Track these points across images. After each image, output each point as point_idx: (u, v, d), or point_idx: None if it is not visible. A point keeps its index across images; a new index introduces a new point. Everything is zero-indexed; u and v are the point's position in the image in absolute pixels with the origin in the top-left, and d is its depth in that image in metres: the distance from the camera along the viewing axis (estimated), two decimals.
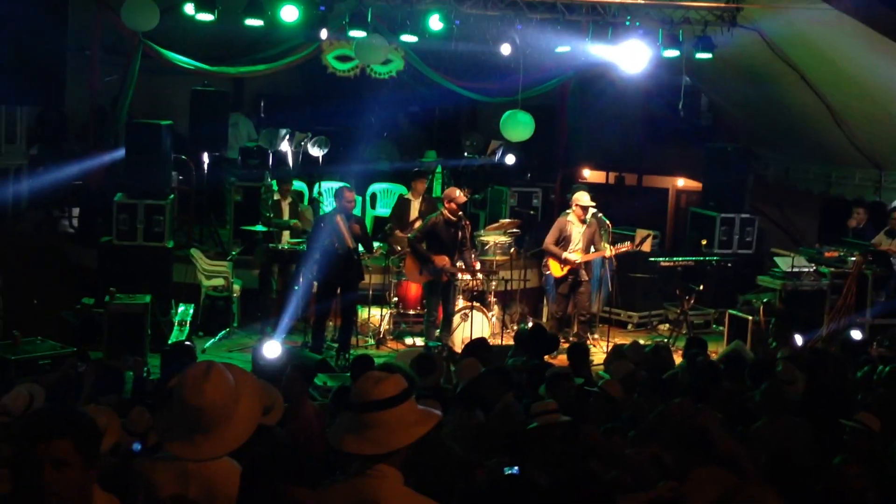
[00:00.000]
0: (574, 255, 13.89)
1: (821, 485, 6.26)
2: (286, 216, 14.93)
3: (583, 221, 14.08)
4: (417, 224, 14.54)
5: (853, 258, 14.73)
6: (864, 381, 9.69)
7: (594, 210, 14.34)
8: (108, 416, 6.65)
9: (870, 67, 14.29)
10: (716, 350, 13.00)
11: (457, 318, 13.86)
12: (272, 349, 10.39)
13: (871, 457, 6.76)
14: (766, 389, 8.07)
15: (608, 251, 14.22)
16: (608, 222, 14.71)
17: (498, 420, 7.82)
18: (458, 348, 12.76)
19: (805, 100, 16.17)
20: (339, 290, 13.44)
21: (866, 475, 6.31)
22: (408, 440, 4.09)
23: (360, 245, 13.48)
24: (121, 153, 15.06)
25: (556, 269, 14.06)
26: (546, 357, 10.95)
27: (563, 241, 13.96)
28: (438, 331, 13.78)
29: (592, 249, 14.11)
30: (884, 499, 6.05)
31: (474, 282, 14.25)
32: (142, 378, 10.71)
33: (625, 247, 14.66)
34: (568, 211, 14.61)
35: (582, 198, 14.31)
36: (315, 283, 13.75)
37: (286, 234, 14.87)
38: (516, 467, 5.59)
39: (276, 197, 15.19)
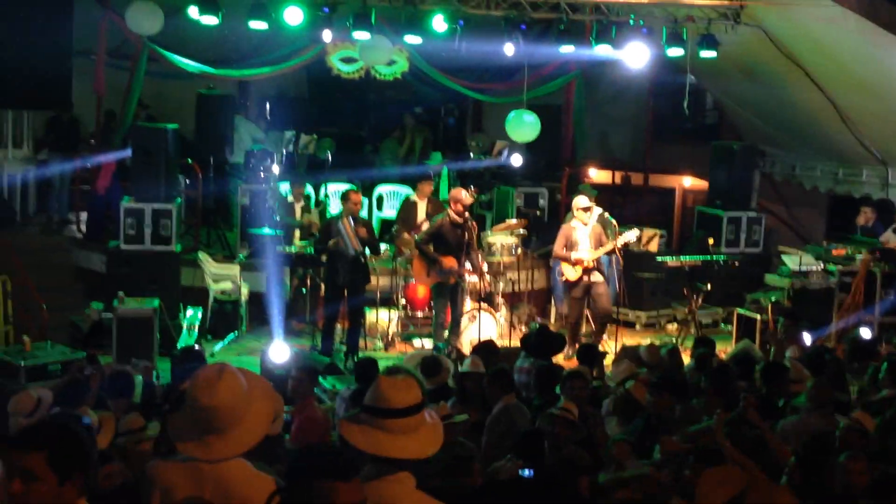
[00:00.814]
0: (584, 254, 13.82)
1: (826, 480, 6.32)
2: (298, 215, 14.96)
3: (585, 224, 14.01)
4: (424, 226, 14.52)
5: (861, 256, 14.72)
6: (871, 379, 9.69)
7: (599, 211, 14.28)
8: (104, 419, 6.69)
9: (875, 64, 14.27)
10: (724, 349, 12.99)
11: (465, 320, 13.83)
12: (280, 352, 10.38)
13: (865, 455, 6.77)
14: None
15: (613, 244, 14.09)
16: (614, 222, 14.67)
17: (495, 421, 7.83)
18: (467, 350, 12.73)
19: (810, 97, 16.14)
20: (345, 293, 13.43)
21: (869, 471, 6.36)
22: (432, 450, 4.13)
23: (366, 248, 13.46)
24: (127, 154, 15.10)
25: (569, 273, 13.99)
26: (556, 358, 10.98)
27: (570, 246, 13.90)
28: (447, 332, 13.75)
29: (601, 243, 14.00)
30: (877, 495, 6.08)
31: (482, 283, 14.23)
32: (151, 382, 10.71)
33: (631, 237, 14.51)
34: (569, 216, 14.56)
35: (580, 201, 14.26)
36: (322, 286, 13.76)
37: (297, 235, 14.88)
38: (529, 470, 5.59)
39: (289, 199, 15.21)
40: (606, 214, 14.48)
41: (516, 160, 17.41)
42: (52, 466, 3.29)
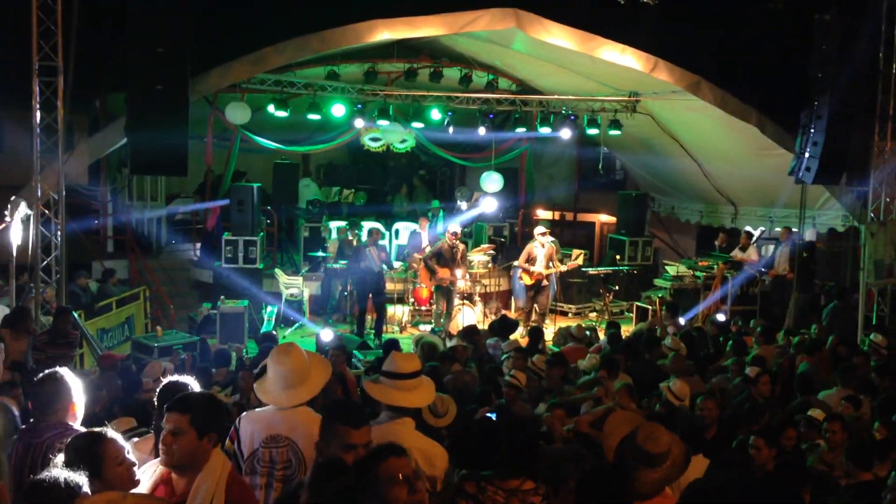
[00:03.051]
0: (539, 268, 13.80)
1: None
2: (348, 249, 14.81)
3: (543, 245, 13.99)
4: (427, 248, 14.52)
5: (718, 266, 14.74)
6: (733, 350, 9.62)
7: (551, 239, 14.30)
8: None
9: (726, 137, 14.32)
10: (628, 329, 12.99)
11: (454, 311, 13.83)
12: (328, 335, 10.38)
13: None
14: None
15: (562, 268, 14.16)
16: (557, 244, 14.76)
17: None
18: (455, 332, 12.70)
19: (683, 160, 16.20)
20: (371, 295, 13.43)
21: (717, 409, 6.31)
22: (427, 403, 4.17)
23: (384, 265, 13.49)
24: (227, 202, 15.13)
25: (526, 279, 13.96)
26: (514, 336, 10.92)
27: (531, 260, 13.88)
28: (443, 320, 13.72)
29: (551, 264, 13.95)
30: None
31: (465, 287, 14.23)
32: (242, 357, 10.71)
33: (574, 264, 14.74)
34: (532, 240, 14.55)
35: (539, 229, 14.29)
36: (356, 292, 13.77)
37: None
38: (494, 413, 5.56)
39: (342, 235, 15.11)
40: (552, 239, 14.49)
41: (488, 204, 17.38)
42: (192, 425, 3.25)
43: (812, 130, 11.47)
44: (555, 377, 7.93)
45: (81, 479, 2.90)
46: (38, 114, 10.35)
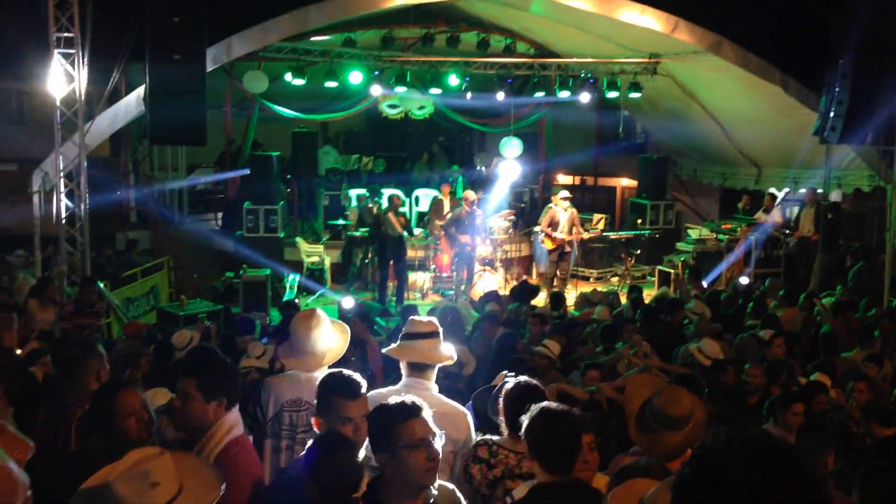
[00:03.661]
0: (562, 234, 13.77)
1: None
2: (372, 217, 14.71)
3: (566, 210, 13.92)
4: (448, 215, 14.50)
5: (741, 229, 14.62)
6: (754, 311, 9.59)
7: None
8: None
9: (749, 98, 14.12)
10: (650, 293, 12.95)
11: (475, 277, 13.84)
12: (349, 303, 10.44)
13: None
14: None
15: (584, 234, 14.14)
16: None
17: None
18: (477, 297, 12.74)
19: (705, 122, 16.00)
20: (392, 262, 13.45)
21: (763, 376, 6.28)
22: (446, 360, 4.18)
23: (404, 231, 13.49)
24: (247, 172, 15.17)
25: (548, 244, 13.94)
26: (535, 301, 10.94)
27: (553, 224, 13.84)
28: (463, 286, 13.75)
29: (573, 230, 13.89)
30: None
31: (486, 252, 14.22)
32: (266, 325, 10.79)
33: (596, 232, 14.70)
34: (551, 204, 14.47)
35: (563, 193, 14.24)
36: (377, 259, 13.79)
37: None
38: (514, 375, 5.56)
39: (368, 204, 15.05)
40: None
41: (510, 170, 17.22)
42: (199, 389, 3.20)
43: (837, 89, 11.27)
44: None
45: None
46: (58, 85, 10.40)
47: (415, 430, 2.80)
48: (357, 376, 3.40)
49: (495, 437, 3.74)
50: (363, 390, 3.36)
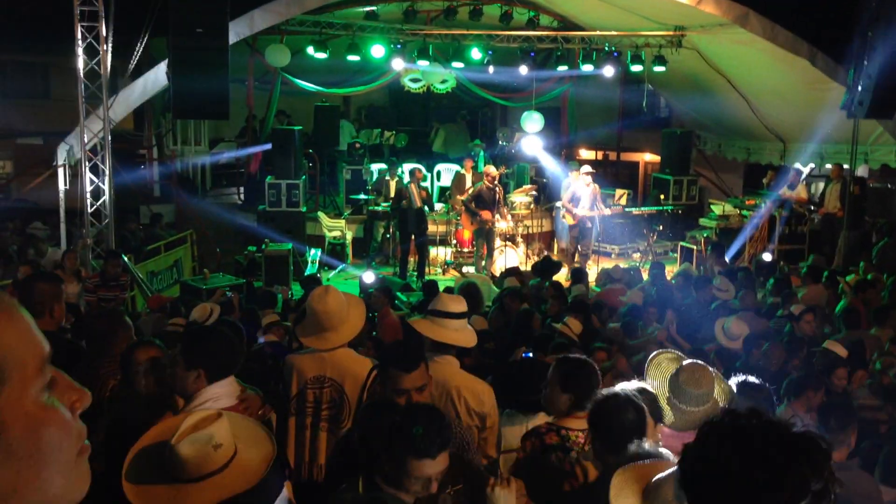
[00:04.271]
0: (582, 210, 13.70)
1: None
2: (392, 191, 14.67)
3: (588, 185, 13.86)
4: (469, 190, 14.47)
5: (765, 205, 14.47)
6: (775, 288, 9.52)
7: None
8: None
9: (775, 72, 13.91)
10: (671, 270, 12.89)
11: (496, 253, 13.82)
12: (370, 277, 10.46)
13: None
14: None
15: (606, 211, 14.07)
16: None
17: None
18: (498, 273, 12.75)
19: (730, 96, 15.80)
20: (413, 236, 13.46)
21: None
22: (471, 342, 4.19)
23: (425, 205, 13.48)
24: (268, 147, 15.20)
25: (569, 219, 13.90)
26: (557, 277, 10.89)
27: (575, 199, 13.77)
28: (484, 262, 13.74)
29: (595, 206, 13.82)
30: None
31: (507, 228, 14.19)
32: (287, 299, 10.85)
33: (617, 208, 14.63)
34: (571, 176, 14.39)
35: (585, 168, 14.17)
36: (397, 233, 13.80)
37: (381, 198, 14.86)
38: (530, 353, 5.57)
39: (387, 177, 15.02)
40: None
41: (529, 144, 17.15)
42: (182, 355, 3.28)
43: (865, 63, 11.07)
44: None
45: None
46: (82, 59, 10.45)
47: (423, 472, 2.73)
48: (417, 350, 3.45)
49: (550, 419, 3.70)
50: (419, 364, 3.41)
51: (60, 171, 11.27)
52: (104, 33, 10.40)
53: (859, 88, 11.20)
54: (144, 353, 3.69)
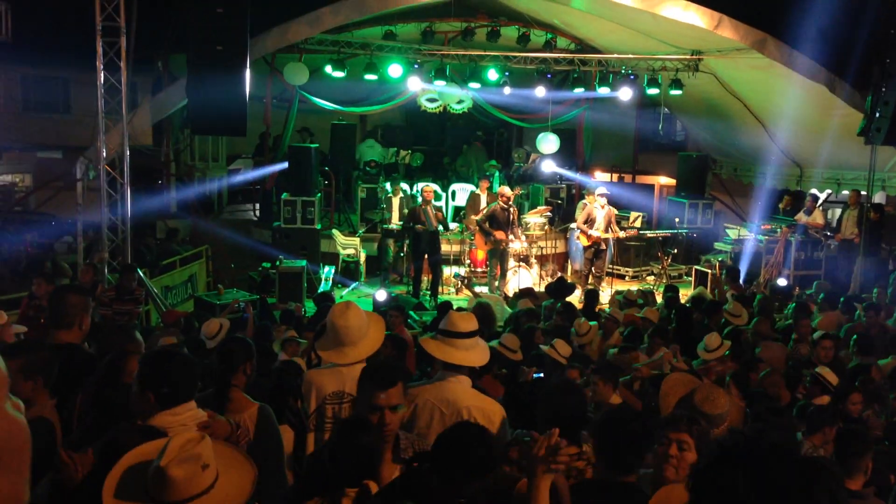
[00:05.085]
0: (597, 232, 13.66)
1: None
2: (395, 209, 14.87)
3: (603, 207, 13.83)
4: (484, 210, 14.47)
5: (781, 230, 14.40)
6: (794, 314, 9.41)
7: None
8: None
9: (792, 97, 13.86)
10: (686, 293, 12.81)
11: (510, 273, 13.78)
12: (383, 296, 10.44)
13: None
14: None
15: (621, 234, 14.04)
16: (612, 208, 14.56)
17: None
18: (511, 293, 12.71)
19: (747, 120, 15.79)
20: (426, 256, 13.45)
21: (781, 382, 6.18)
22: (482, 362, 4.16)
23: (440, 225, 13.49)
24: (285, 165, 15.26)
25: (584, 241, 13.87)
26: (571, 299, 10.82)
27: (590, 221, 13.75)
28: (497, 282, 13.71)
29: (610, 229, 13.79)
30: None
31: (521, 248, 14.16)
32: (301, 315, 10.83)
33: (632, 231, 14.58)
34: (586, 199, 14.36)
35: (601, 190, 14.15)
36: (411, 252, 13.80)
37: (395, 216, 14.90)
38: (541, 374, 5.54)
39: (390, 194, 15.21)
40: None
41: (545, 166, 17.21)
42: (139, 379, 3.17)
43: (883, 89, 11.05)
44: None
45: None
46: (102, 74, 10.55)
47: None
48: (394, 368, 3.41)
49: (526, 437, 3.69)
50: (396, 382, 3.36)
51: (79, 185, 11.36)
52: (125, 49, 10.50)
53: (877, 115, 11.16)
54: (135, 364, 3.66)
